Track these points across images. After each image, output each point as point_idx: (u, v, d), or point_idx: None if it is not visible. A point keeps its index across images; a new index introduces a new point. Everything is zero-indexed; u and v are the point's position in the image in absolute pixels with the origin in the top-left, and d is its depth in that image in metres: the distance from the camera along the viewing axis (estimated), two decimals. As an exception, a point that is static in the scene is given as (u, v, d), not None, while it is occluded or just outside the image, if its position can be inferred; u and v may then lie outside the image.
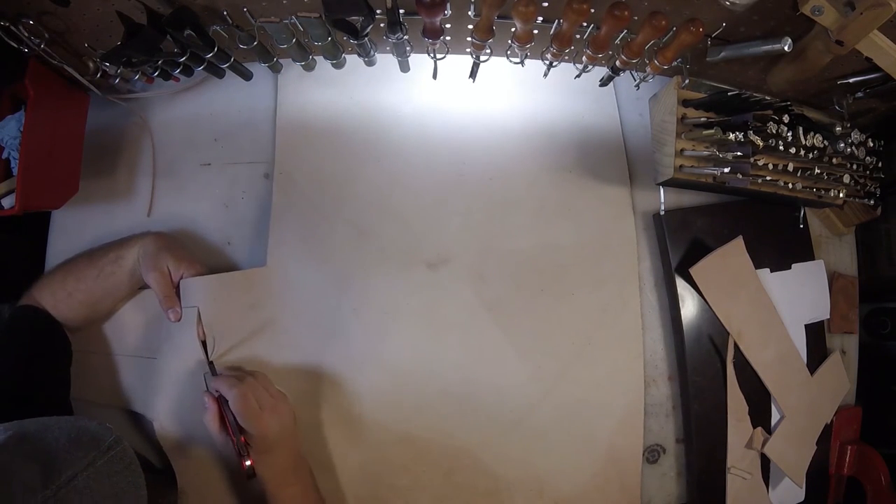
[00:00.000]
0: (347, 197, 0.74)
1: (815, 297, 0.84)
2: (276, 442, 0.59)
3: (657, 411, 0.79)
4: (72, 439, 0.43)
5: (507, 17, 0.58)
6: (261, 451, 0.58)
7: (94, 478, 0.41)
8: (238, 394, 0.58)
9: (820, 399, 0.83)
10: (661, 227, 0.78)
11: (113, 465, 0.43)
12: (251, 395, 0.58)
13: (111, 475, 0.43)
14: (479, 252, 0.75)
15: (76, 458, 0.41)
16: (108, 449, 0.43)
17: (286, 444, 0.61)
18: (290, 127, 0.75)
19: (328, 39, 0.64)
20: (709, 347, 0.77)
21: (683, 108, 0.69)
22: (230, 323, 0.68)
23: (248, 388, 0.59)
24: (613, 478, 0.75)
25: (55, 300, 0.64)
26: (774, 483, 0.81)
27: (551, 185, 0.78)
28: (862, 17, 0.54)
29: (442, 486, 0.72)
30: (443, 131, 0.77)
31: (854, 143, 0.75)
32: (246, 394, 0.58)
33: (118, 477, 0.43)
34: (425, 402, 0.72)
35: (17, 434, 0.42)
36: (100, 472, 0.42)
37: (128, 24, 0.56)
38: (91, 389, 0.68)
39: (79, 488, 0.40)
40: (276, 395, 0.62)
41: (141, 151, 0.76)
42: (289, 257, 0.72)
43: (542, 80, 0.72)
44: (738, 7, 0.56)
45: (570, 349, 0.76)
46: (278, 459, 0.60)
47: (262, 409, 0.59)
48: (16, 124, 0.63)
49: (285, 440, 0.61)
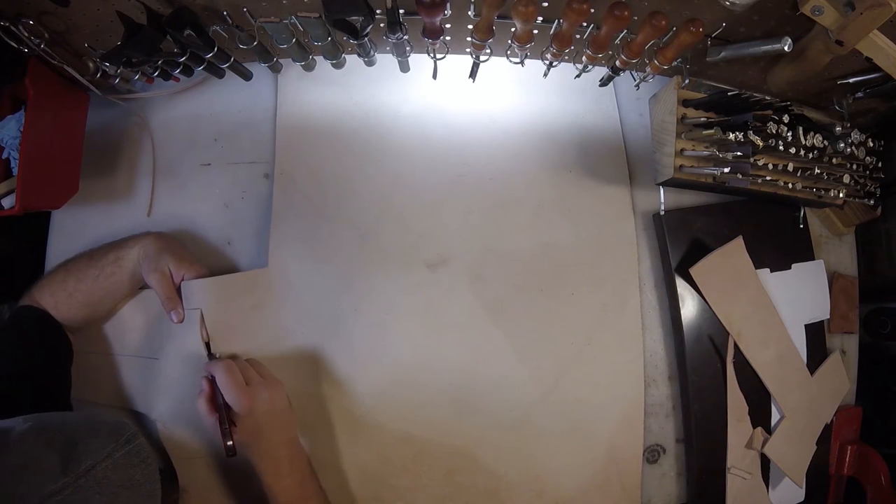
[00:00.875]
0: (348, 197, 0.74)
1: (815, 297, 0.84)
2: (266, 423, 0.59)
3: (657, 411, 0.79)
4: (91, 431, 0.44)
5: (507, 17, 0.58)
6: (250, 434, 0.58)
7: (111, 469, 0.43)
8: (224, 367, 0.58)
9: (820, 399, 0.83)
10: (661, 227, 0.78)
11: (130, 457, 0.45)
12: (237, 370, 0.59)
13: (128, 467, 0.44)
14: (479, 252, 0.75)
15: (95, 450, 0.43)
16: (125, 442, 0.45)
17: (278, 430, 0.60)
18: (290, 127, 0.75)
19: (328, 39, 0.64)
20: (709, 347, 0.77)
21: (683, 108, 0.69)
22: (233, 324, 0.68)
23: (236, 364, 0.60)
24: (613, 478, 0.75)
25: (55, 301, 0.64)
26: (774, 483, 0.81)
27: (551, 185, 0.78)
28: (862, 17, 0.54)
29: (442, 486, 0.72)
30: (443, 131, 0.77)
31: (854, 143, 0.75)
32: (231, 367, 0.59)
33: (134, 469, 0.45)
34: (425, 402, 0.72)
35: (37, 425, 0.43)
36: (117, 464, 0.43)
37: (128, 24, 0.56)
38: (92, 389, 0.68)
39: (97, 478, 0.42)
40: (267, 376, 0.63)
41: (141, 151, 0.76)
42: (290, 258, 0.72)
43: (542, 80, 0.72)
44: (738, 7, 0.56)
45: (570, 349, 0.76)
46: (271, 448, 0.59)
47: (249, 384, 0.59)
48: (16, 124, 0.63)
49: (276, 424, 0.60)
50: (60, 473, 0.40)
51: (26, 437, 0.42)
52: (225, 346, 0.67)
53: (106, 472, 0.42)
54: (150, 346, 0.69)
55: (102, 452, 0.43)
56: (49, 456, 0.41)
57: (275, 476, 0.59)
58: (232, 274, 0.71)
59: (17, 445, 0.41)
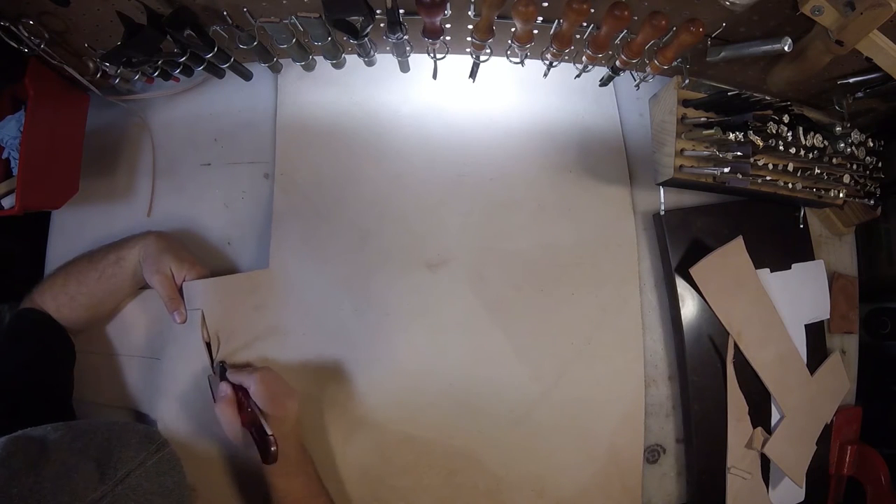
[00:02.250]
0: (348, 198, 0.74)
1: (815, 297, 0.84)
2: (290, 430, 0.61)
3: (657, 411, 0.79)
4: (122, 439, 0.45)
5: (507, 17, 0.58)
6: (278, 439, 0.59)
7: (144, 476, 0.44)
8: (259, 378, 0.60)
9: (820, 399, 0.83)
10: (661, 227, 0.78)
11: (161, 465, 0.46)
12: (271, 380, 0.61)
13: (159, 475, 0.45)
14: (480, 252, 0.75)
15: (129, 458, 0.44)
16: (156, 450, 0.46)
17: (294, 435, 0.62)
18: (291, 127, 0.75)
19: (328, 39, 0.64)
20: (709, 347, 0.77)
21: (683, 108, 0.69)
22: (235, 325, 0.68)
23: (267, 374, 0.61)
24: (614, 477, 0.75)
25: (57, 304, 0.64)
26: (774, 483, 0.81)
27: (551, 186, 0.78)
28: (862, 17, 0.54)
29: (443, 487, 0.72)
30: (443, 131, 0.77)
31: (854, 143, 0.75)
32: (266, 378, 0.60)
33: (165, 477, 0.46)
34: (426, 403, 0.72)
35: (70, 432, 0.44)
36: (149, 472, 0.45)
37: (128, 24, 0.56)
38: (94, 390, 0.69)
39: (132, 486, 0.43)
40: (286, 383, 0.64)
41: (141, 151, 0.76)
42: (291, 259, 0.72)
43: (542, 80, 0.72)
44: (738, 7, 0.56)
45: (570, 349, 0.76)
46: (287, 449, 0.60)
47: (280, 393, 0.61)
48: (16, 124, 0.63)
49: (295, 430, 0.62)
50: (99, 482, 0.41)
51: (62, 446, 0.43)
52: (227, 346, 0.67)
53: (140, 479, 0.43)
54: (152, 346, 0.69)
55: (136, 461, 0.44)
56: (86, 464, 0.42)
57: (282, 476, 0.60)
58: (234, 275, 0.71)
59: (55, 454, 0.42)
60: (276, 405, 0.59)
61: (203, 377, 0.65)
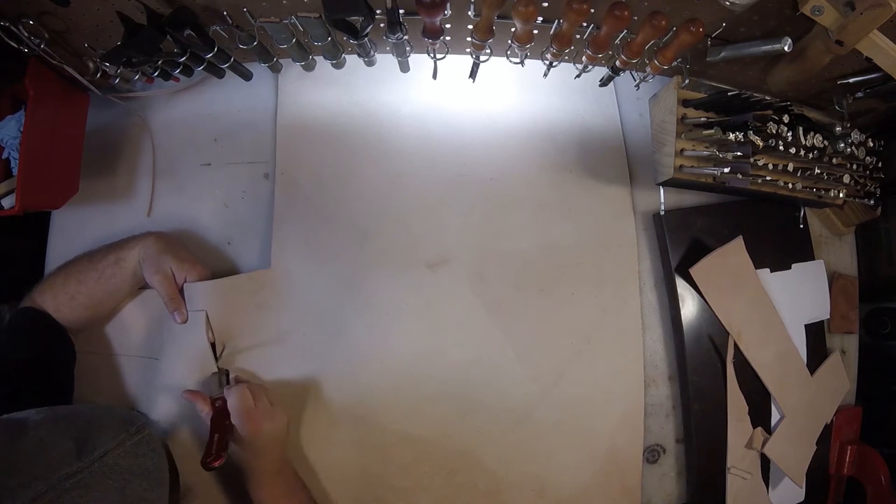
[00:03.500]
0: (348, 198, 0.74)
1: (815, 297, 0.84)
2: (263, 448, 0.61)
3: (657, 411, 0.79)
4: (102, 422, 0.47)
5: (507, 17, 0.58)
6: (249, 454, 0.61)
7: (122, 456, 0.45)
8: (237, 393, 0.61)
9: (820, 399, 0.83)
10: (661, 227, 0.78)
11: (140, 447, 0.47)
12: (249, 398, 0.61)
13: (138, 456, 0.46)
14: (480, 252, 0.75)
15: (107, 438, 0.45)
16: (136, 432, 0.47)
17: (272, 454, 0.63)
18: (291, 127, 0.75)
19: (328, 39, 0.64)
20: (709, 347, 0.77)
21: (683, 108, 0.69)
22: (237, 325, 0.68)
23: (246, 392, 0.62)
24: (614, 477, 0.75)
25: (57, 304, 0.64)
26: (774, 483, 0.81)
27: (551, 186, 0.78)
28: (862, 17, 0.54)
29: (443, 487, 0.72)
30: (443, 131, 0.77)
31: (854, 143, 0.75)
32: (244, 395, 0.61)
33: (144, 458, 0.47)
34: (426, 403, 0.72)
35: (51, 415, 0.46)
36: (128, 452, 0.46)
37: (128, 24, 0.56)
38: (93, 389, 0.68)
39: (108, 464, 0.44)
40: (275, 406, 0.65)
41: (141, 151, 0.76)
42: (292, 259, 0.72)
43: (542, 80, 0.72)
44: (738, 7, 0.56)
45: (570, 349, 0.76)
46: (264, 465, 0.62)
47: (257, 409, 0.61)
48: (16, 124, 0.63)
49: (272, 449, 0.63)
50: (75, 458, 0.42)
51: (43, 425, 0.44)
52: (229, 346, 0.68)
53: (117, 459, 0.44)
54: (151, 346, 0.69)
55: (114, 441, 0.45)
56: (65, 442, 0.43)
57: (261, 486, 0.62)
58: (235, 275, 0.71)
59: (34, 431, 0.43)
60: (248, 422, 0.60)
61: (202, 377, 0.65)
